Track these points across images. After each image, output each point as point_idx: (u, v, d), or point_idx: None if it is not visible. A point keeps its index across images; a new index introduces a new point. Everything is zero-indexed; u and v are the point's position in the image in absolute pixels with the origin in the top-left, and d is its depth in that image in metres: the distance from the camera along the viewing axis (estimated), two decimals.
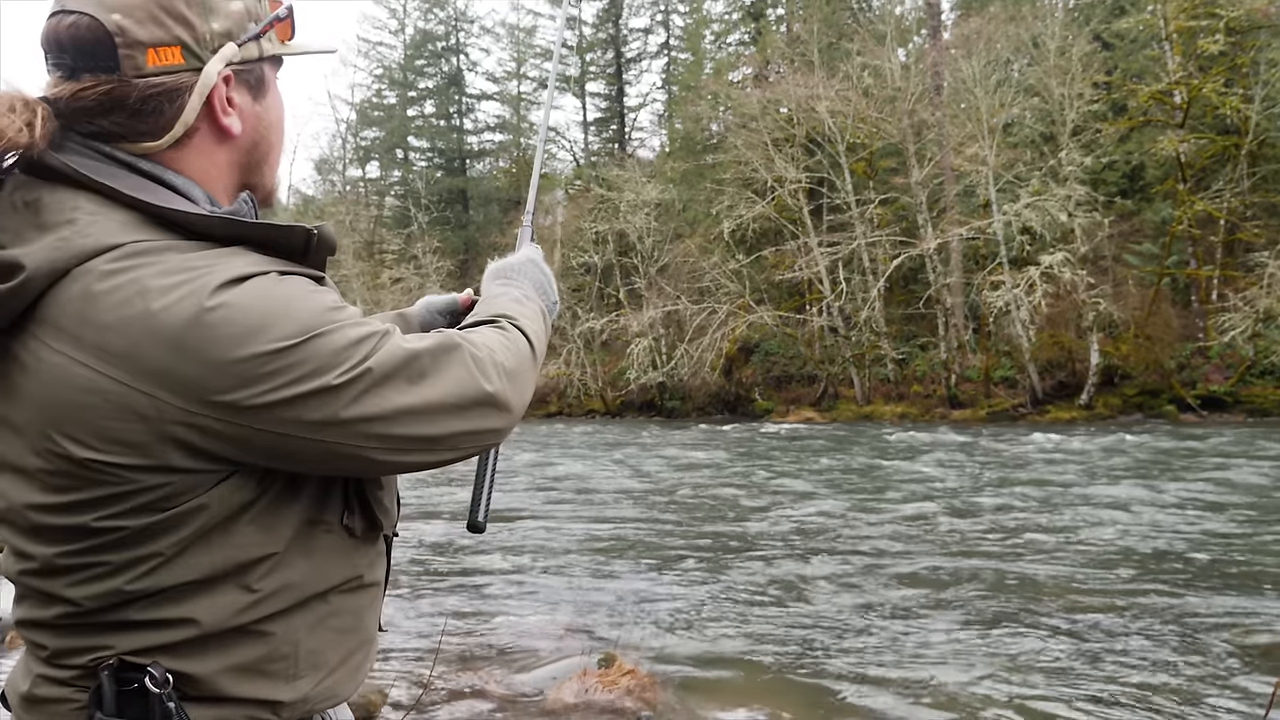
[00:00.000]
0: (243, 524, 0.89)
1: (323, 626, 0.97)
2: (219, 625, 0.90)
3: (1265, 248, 24.62)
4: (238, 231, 0.90)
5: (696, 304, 31.07)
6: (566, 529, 9.18)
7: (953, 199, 28.95)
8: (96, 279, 0.83)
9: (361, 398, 0.87)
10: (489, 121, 51.19)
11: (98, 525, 0.85)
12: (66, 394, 0.83)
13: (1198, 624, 5.50)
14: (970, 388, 27.94)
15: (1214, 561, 7.17)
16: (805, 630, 5.52)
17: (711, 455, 17.36)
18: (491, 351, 0.99)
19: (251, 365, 0.82)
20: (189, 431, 0.83)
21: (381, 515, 1.02)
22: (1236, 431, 20.00)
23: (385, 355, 0.89)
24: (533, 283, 1.26)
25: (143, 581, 0.87)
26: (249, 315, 0.83)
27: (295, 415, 0.85)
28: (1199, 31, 26.11)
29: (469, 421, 0.95)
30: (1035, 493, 11.09)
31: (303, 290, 0.88)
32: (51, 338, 0.83)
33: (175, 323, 0.81)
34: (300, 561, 0.93)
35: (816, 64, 31.47)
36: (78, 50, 0.89)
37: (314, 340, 0.85)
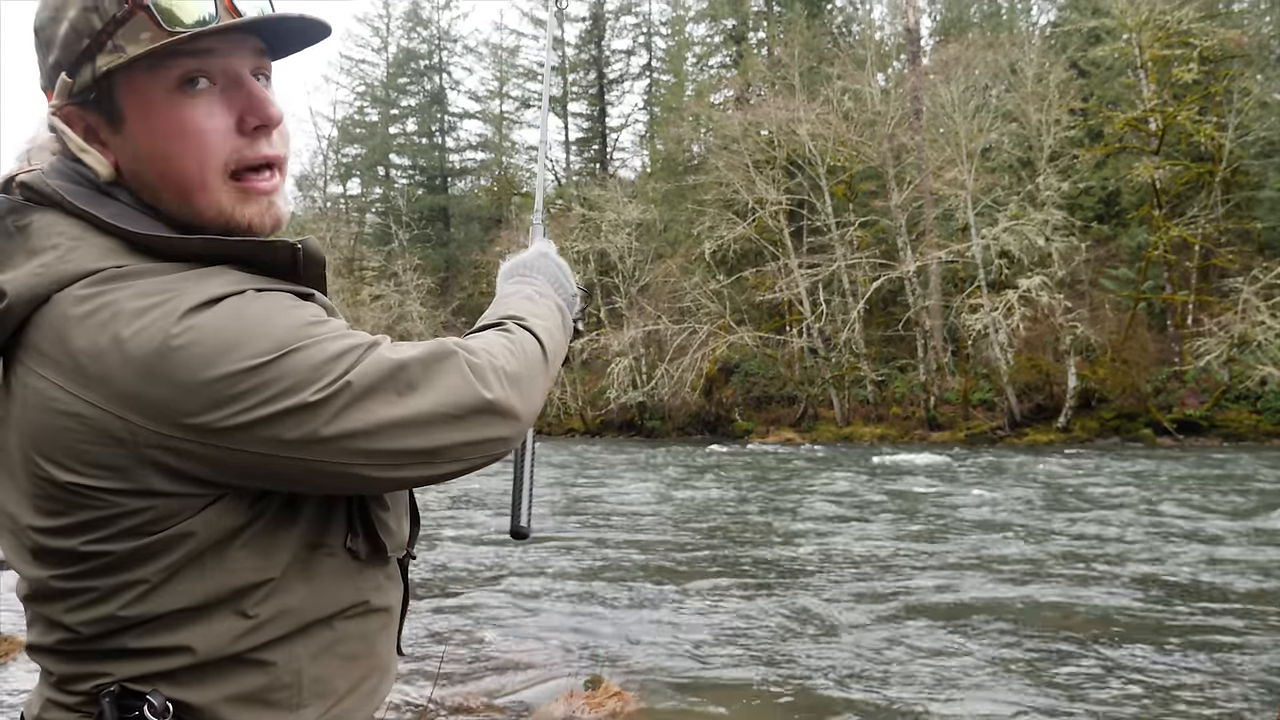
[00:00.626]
0: (236, 549, 0.86)
1: (328, 653, 0.92)
2: (216, 653, 0.86)
3: (1239, 273, 24.97)
4: (220, 250, 0.88)
5: (677, 324, 31.09)
6: (552, 549, 9.06)
7: (932, 222, 29.21)
8: (73, 304, 0.82)
9: (343, 413, 0.83)
10: (471, 140, 51.27)
11: (86, 549, 0.84)
12: (48, 418, 0.82)
13: (1174, 647, 5.47)
14: (949, 410, 28.08)
15: (1201, 586, 7.16)
16: (793, 654, 5.44)
17: (695, 476, 17.28)
18: (491, 356, 0.93)
19: (222, 386, 0.80)
20: (165, 454, 0.81)
21: (386, 537, 0.97)
22: (1213, 455, 20.17)
23: (368, 367, 0.85)
24: (547, 277, 1.21)
25: (136, 607, 0.85)
26: (220, 335, 0.80)
27: (273, 434, 0.81)
28: (1173, 60, 26.60)
29: (468, 432, 0.89)
30: (1017, 515, 11.08)
31: (279, 306, 0.85)
32: (34, 362, 0.83)
33: (145, 346, 0.79)
34: (300, 586, 0.90)
35: (797, 87, 31.75)
36: None
37: (288, 356, 0.82)
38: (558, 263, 1.26)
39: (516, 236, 39.71)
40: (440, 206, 48.33)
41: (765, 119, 31.60)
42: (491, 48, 50.65)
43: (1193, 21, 26.32)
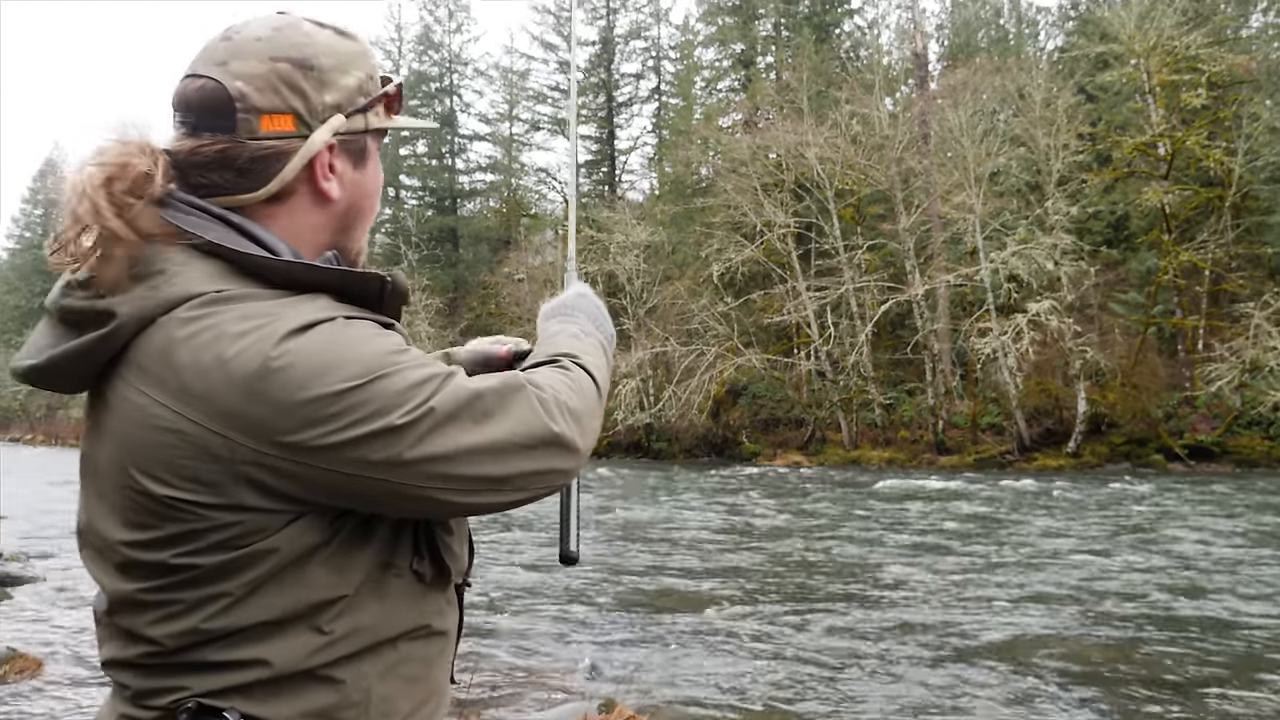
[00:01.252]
0: (315, 565, 0.90)
1: (393, 674, 0.95)
2: (291, 667, 0.89)
3: (1250, 298, 24.87)
4: (317, 278, 0.94)
5: (685, 346, 31.07)
6: (564, 572, 9.00)
7: (940, 246, 29.19)
8: (178, 325, 0.87)
9: (425, 438, 0.88)
10: (480, 162, 51.55)
11: (175, 562, 0.88)
12: (148, 433, 0.87)
13: (1185, 677, 5.39)
14: (957, 434, 27.93)
15: (1214, 620, 7.07)
16: (808, 679, 5.37)
17: (705, 498, 17.20)
18: (555, 392, 0.99)
19: (316, 407, 0.85)
20: (260, 471, 0.86)
21: (450, 561, 1.01)
22: (1225, 482, 20.00)
23: (448, 395, 0.90)
24: (589, 316, 1.26)
25: (219, 620, 0.88)
26: (315, 359, 0.86)
27: (360, 455, 0.86)
28: (1182, 85, 26.65)
29: (535, 461, 0.94)
30: (1025, 543, 10.99)
31: (367, 334, 0.91)
32: (137, 379, 0.88)
33: (246, 367, 0.85)
34: (372, 605, 0.93)
35: (806, 111, 31.87)
36: (202, 110, 0.96)
37: (377, 381, 0.87)
38: (596, 303, 1.30)
39: (524, 257, 39.87)
40: (449, 227, 48.54)
41: (773, 142, 31.72)
42: (502, 71, 51.07)
43: (1201, 47, 26.39)
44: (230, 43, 0.98)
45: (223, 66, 0.96)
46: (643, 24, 48.40)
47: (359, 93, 1.03)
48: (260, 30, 0.99)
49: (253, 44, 0.97)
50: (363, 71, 1.04)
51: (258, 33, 0.98)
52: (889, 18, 42.71)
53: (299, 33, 1.00)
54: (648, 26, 48.41)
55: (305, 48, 0.99)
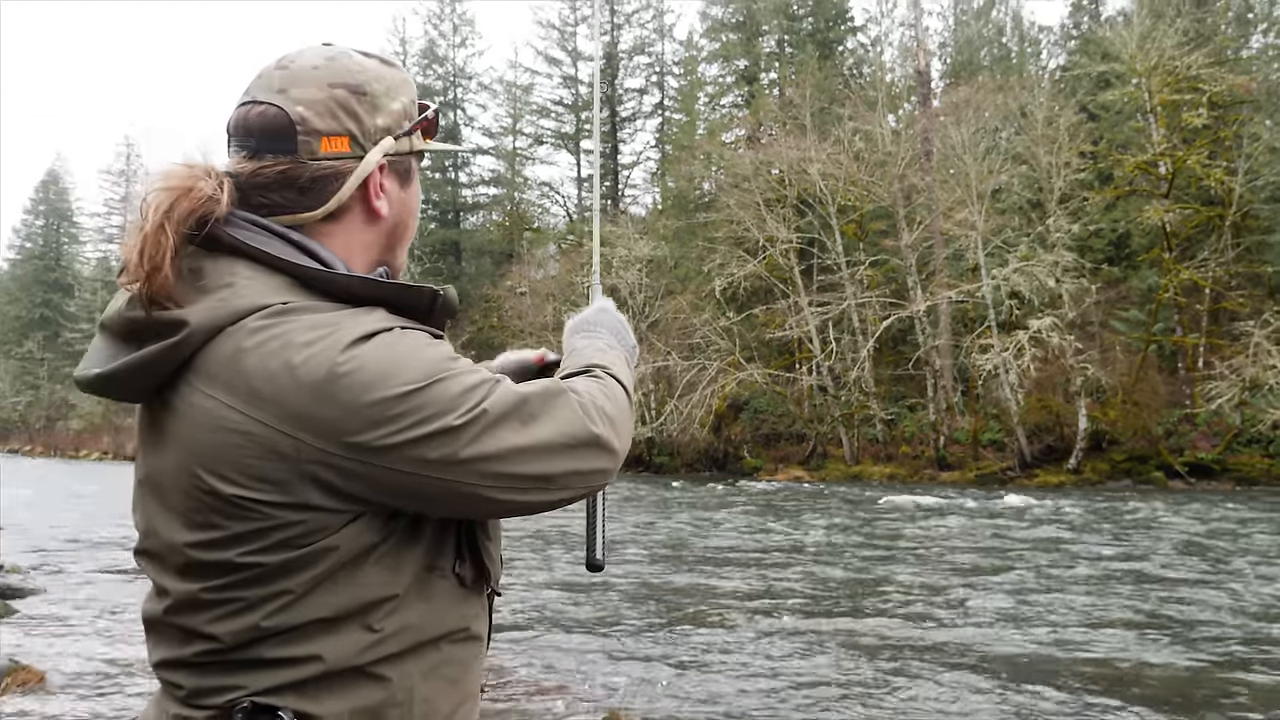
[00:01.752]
0: (369, 564, 0.95)
1: (435, 675, 1.00)
2: (343, 664, 0.94)
3: (1250, 317, 24.92)
4: (374, 291, 1.01)
5: (687, 360, 31.12)
6: (568, 585, 9.03)
7: (942, 262, 29.28)
8: (247, 335, 0.93)
9: (480, 438, 0.94)
10: (484, 175, 51.74)
11: (240, 560, 0.92)
12: (218, 435, 0.92)
13: (1184, 695, 5.41)
14: (959, 450, 27.94)
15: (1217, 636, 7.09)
16: (813, 694, 5.40)
17: (706, 513, 17.21)
18: (593, 397, 1.05)
19: (381, 408, 0.91)
20: (325, 470, 0.91)
21: (490, 565, 1.07)
22: (1225, 499, 20.00)
23: (499, 398, 0.96)
24: (611, 331, 1.32)
25: (278, 617, 0.93)
26: (377, 366, 0.92)
27: (420, 454, 0.92)
28: (1183, 105, 26.79)
29: (579, 461, 1.01)
30: (1026, 559, 11.01)
31: (422, 342, 0.97)
32: (205, 385, 0.93)
33: (315, 373, 0.90)
34: (418, 605, 0.98)
35: (808, 127, 32.03)
36: (263, 134, 1.02)
37: (435, 385, 0.93)
38: (618, 317, 1.36)
39: (527, 271, 39.95)
40: (452, 241, 48.67)
41: (776, 158, 31.86)
42: (506, 85, 51.33)
43: (1202, 67, 26.54)
44: (287, 71, 1.04)
45: (282, 94, 1.03)
46: (647, 40, 48.72)
47: (404, 116, 1.10)
48: (315, 60, 1.06)
49: (310, 72, 1.04)
50: (407, 97, 1.11)
51: (313, 62, 1.05)
52: (892, 35, 42.91)
53: (352, 62, 1.07)
54: (652, 42, 48.74)
55: (358, 74, 1.06)
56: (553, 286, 36.18)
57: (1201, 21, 29.22)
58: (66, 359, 60.60)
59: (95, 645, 6.45)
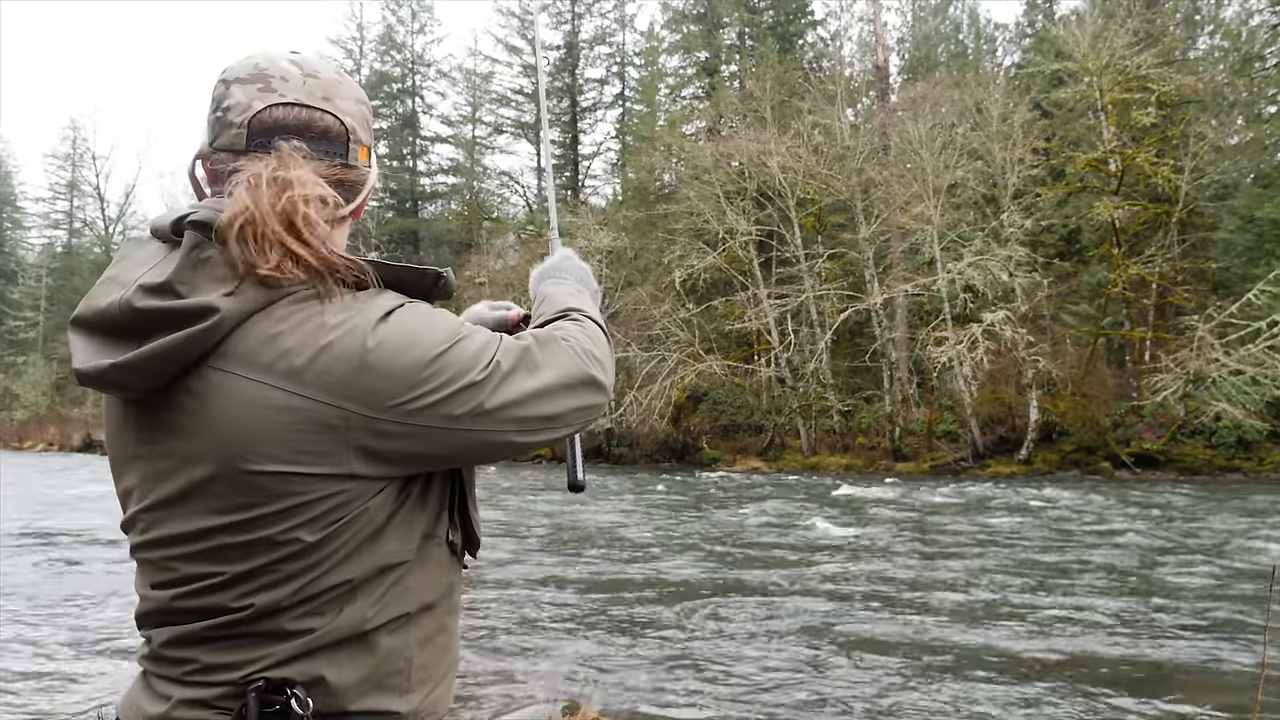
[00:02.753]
0: (389, 532, 1.03)
1: (430, 644, 1.08)
2: (352, 629, 1.00)
3: (1194, 312, 25.59)
4: (386, 274, 1.08)
5: (646, 351, 31.17)
6: (528, 575, 9.04)
7: (899, 256, 29.64)
8: (279, 321, 0.98)
9: (499, 388, 1.04)
10: (442, 164, 51.27)
11: (282, 538, 0.98)
12: (261, 414, 0.96)
13: (1116, 677, 5.58)
14: (914, 441, 28.36)
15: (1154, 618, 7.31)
16: (770, 683, 5.48)
17: (666, 504, 17.29)
18: (578, 340, 1.15)
19: (414, 372, 0.99)
20: (369, 436, 0.98)
21: (476, 532, 1.15)
22: (1168, 489, 20.56)
23: (506, 351, 1.07)
24: (575, 276, 1.39)
25: (309, 588, 0.99)
26: (403, 336, 1.00)
27: (450, 410, 1.01)
28: (1133, 104, 27.37)
29: (578, 399, 1.10)
30: (977, 548, 11.23)
31: (433, 312, 1.07)
32: (240, 368, 0.97)
33: (350, 348, 0.98)
34: (419, 570, 1.06)
35: (768, 120, 32.18)
36: (318, 136, 1.10)
37: (455, 347, 1.03)
38: (580, 264, 1.44)
39: (486, 260, 39.69)
40: (410, 230, 48.19)
41: (736, 150, 31.97)
42: (465, 73, 50.84)
43: (1151, 67, 27.15)
44: (318, 81, 1.12)
45: (328, 101, 1.12)
46: (608, 30, 48.57)
47: (367, 126, 1.19)
48: (329, 72, 1.15)
49: (337, 84, 1.14)
50: (368, 110, 1.21)
51: (333, 75, 1.15)
52: (851, 30, 43.33)
53: (353, 79, 1.19)
54: (612, 32, 48.59)
55: (363, 93, 1.18)
56: (512, 276, 36.00)
57: (1151, 22, 29.86)
58: (10, 347, 58.98)
59: (42, 645, 6.33)
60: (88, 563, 9.71)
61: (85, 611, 7.30)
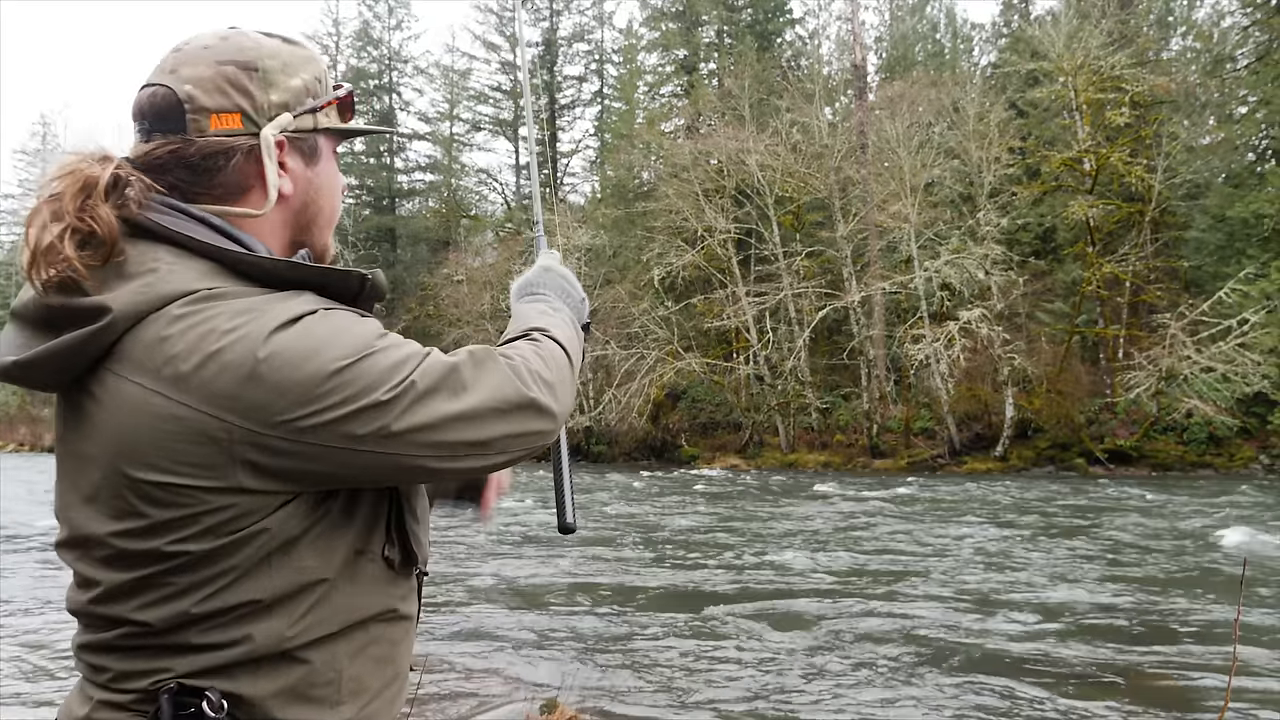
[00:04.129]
0: (302, 548, 0.96)
1: (363, 655, 1.02)
2: (271, 648, 0.95)
3: (1167, 310, 25.91)
4: (301, 275, 1.00)
5: (625, 349, 31.16)
6: (506, 573, 9.00)
7: (876, 254, 29.80)
8: (171, 321, 0.92)
9: (410, 409, 0.94)
10: (420, 161, 50.94)
11: (169, 549, 0.92)
12: (144, 421, 0.91)
13: (1090, 668, 5.64)
14: (891, 438, 28.53)
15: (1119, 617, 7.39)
16: (746, 679, 5.49)
17: (645, 501, 17.29)
18: (526, 360, 1.06)
19: (307, 388, 0.91)
20: (256, 452, 0.91)
21: (416, 548, 1.07)
22: (1140, 485, 20.80)
23: (427, 370, 0.97)
24: (555, 291, 1.31)
25: (209, 603, 0.93)
26: (304, 346, 0.92)
27: (350, 430, 0.92)
28: (1107, 104, 27.67)
29: (512, 425, 1.01)
30: (953, 543, 11.31)
31: (349, 321, 0.97)
32: (130, 372, 0.92)
33: (240, 356, 0.90)
34: (347, 588, 0.99)
35: (747, 118, 32.24)
36: (154, 115, 1.03)
37: (361, 362, 0.93)
38: (562, 274, 1.35)
39: (464, 259, 39.52)
40: (387, 227, 47.89)
41: (715, 148, 32.01)
42: (443, 70, 50.55)
43: (1125, 68, 27.44)
44: (179, 53, 1.05)
45: (173, 74, 1.03)
46: (586, 27, 48.47)
47: (306, 94, 1.09)
48: (208, 40, 1.06)
49: (200, 51, 1.04)
50: (309, 74, 1.10)
51: (206, 42, 1.05)
52: (829, 29, 43.47)
53: (246, 39, 1.06)
54: (591, 29, 48.50)
55: (250, 51, 1.05)
56: (490, 275, 35.87)
57: (1125, 23, 30.16)
58: None
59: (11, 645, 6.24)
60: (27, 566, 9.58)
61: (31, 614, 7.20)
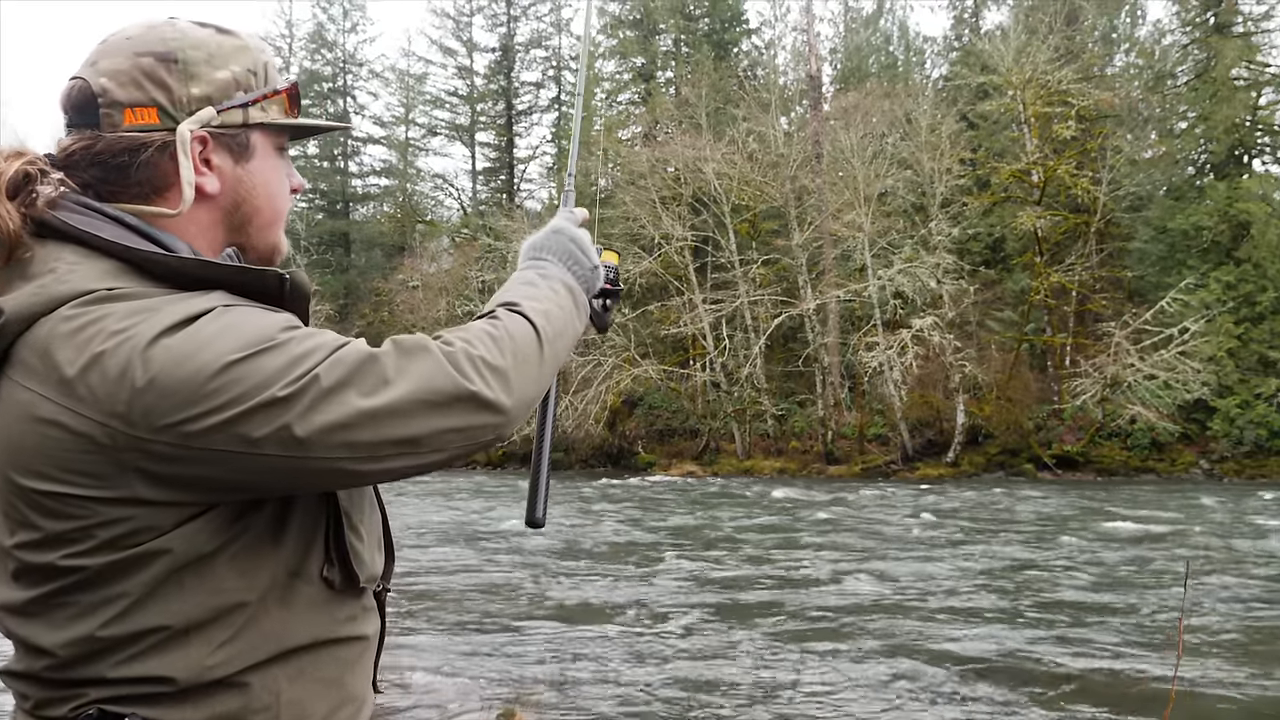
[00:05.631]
0: (217, 568, 0.89)
1: (304, 678, 0.94)
2: (195, 679, 0.88)
3: (1112, 318, 26.59)
4: (213, 274, 0.93)
5: (582, 356, 31.11)
6: (460, 582, 8.94)
7: (831, 262, 30.14)
8: (61, 321, 0.86)
9: (316, 407, 0.85)
10: (374, 166, 50.42)
11: (63, 564, 0.86)
12: (30, 426, 0.86)
13: (1025, 662, 5.76)
14: (846, 444, 28.85)
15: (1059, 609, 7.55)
16: (701, 686, 5.51)
17: (602, 509, 17.27)
18: (469, 346, 0.94)
19: (193, 388, 0.83)
20: (146, 459, 0.84)
21: (358, 567, 0.99)
22: (1086, 489, 21.27)
23: (337, 361, 0.87)
24: (559, 255, 1.19)
25: (114, 627, 0.87)
26: (190, 345, 0.84)
27: (244, 433, 0.84)
28: (1054, 117, 28.32)
29: (447, 420, 0.90)
30: (909, 547, 11.47)
31: (252, 316, 0.90)
32: (20, 376, 0.87)
33: (124, 358, 0.84)
34: (277, 612, 0.92)
35: (704, 127, 32.45)
36: (72, 109, 0.98)
37: (257, 356, 0.85)
38: (572, 236, 1.22)
39: (419, 264, 39.18)
40: (341, 232, 47.28)
41: (672, 156, 32.15)
42: (399, 74, 50.12)
43: (1072, 82, 28.13)
44: (104, 44, 1.00)
45: (93, 66, 0.98)
46: (544, 33, 48.39)
47: (235, 86, 1.01)
48: (132, 30, 1.00)
49: (122, 42, 0.99)
50: (240, 66, 1.02)
51: (129, 32, 1.00)
52: (785, 39, 43.82)
53: (171, 29, 1.00)
54: (548, 36, 48.42)
55: (171, 42, 0.99)
56: (446, 280, 35.63)
57: (1071, 39, 30.91)
58: None
59: None
60: None
61: None
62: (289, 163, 1.11)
